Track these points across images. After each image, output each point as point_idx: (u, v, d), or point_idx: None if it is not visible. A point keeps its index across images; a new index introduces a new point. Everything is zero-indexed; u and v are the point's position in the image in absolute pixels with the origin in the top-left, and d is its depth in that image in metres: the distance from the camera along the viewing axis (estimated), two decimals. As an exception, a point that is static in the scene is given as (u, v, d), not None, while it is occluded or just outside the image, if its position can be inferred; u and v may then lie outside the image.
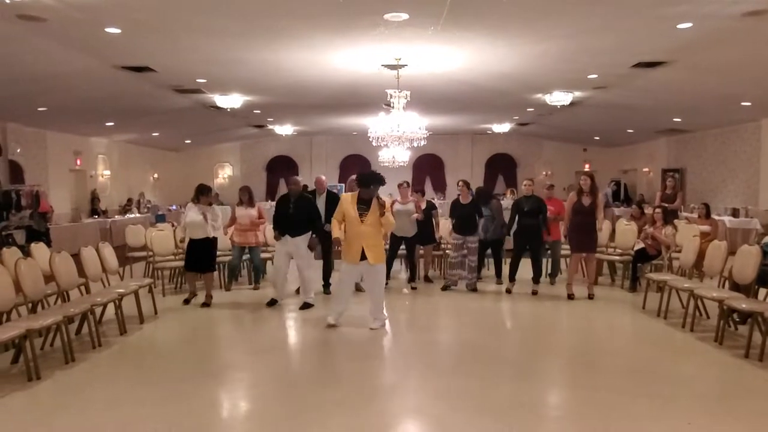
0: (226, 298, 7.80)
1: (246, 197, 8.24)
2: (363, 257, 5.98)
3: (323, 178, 7.99)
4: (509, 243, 8.26)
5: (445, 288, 8.12)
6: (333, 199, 7.43)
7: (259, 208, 8.34)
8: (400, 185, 8.33)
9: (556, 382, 4.74)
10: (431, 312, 7.31)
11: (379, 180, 6.14)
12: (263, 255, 8.63)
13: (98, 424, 3.80)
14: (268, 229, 8.56)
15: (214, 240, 7.27)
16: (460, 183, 8.31)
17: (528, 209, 7.70)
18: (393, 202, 8.20)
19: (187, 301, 7.35)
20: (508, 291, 7.85)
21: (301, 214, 6.98)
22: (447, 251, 8.79)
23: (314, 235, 7.08)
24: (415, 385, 4.56)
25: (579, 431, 3.64)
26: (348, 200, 6.12)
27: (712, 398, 4.23)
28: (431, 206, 8.56)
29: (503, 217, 8.40)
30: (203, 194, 7.18)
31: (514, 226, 8.01)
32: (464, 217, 7.99)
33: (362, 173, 6.34)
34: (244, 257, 8.42)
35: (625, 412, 3.88)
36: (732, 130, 13.00)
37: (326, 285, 7.91)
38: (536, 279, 7.87)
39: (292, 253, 7.00)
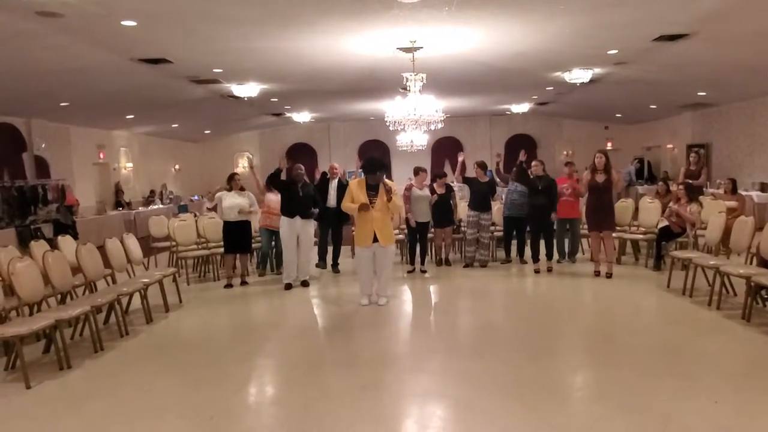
0: (251, 282, 7.95)
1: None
2: (375, 240, 6.27)
3: (336, 165, 8.58)
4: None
5: (467, 265, 8.36)
6: (343, 186, 8.07)
7: None
8: (418, 170, 8.30)
9: (581, 362, 4.71)
10: (453, 294, 7.31)
11: (384, 166, 6.51)
12: None
13: (129, 409, 3.91)
14: None
15: (249, 222, 7.82)
16: (476, 165, 8.54)
17: (541, 188, 7.81)
18: (409, 187, 8.23)
19: (229, 285, 7.69)
20: (537, 271, 7.88)
21: (308, 198, 7.45)
22: (463, 228, 8.81)
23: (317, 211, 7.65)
24: (439, 367, 4.57)
25: (604, 411, 3.61)
26: (356, 186, 6.36)
27: (739, 376, 4.15)
28: (449, 189, 8.54)
29: None
30: (233, 180, 7.86)
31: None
32: (480, 194, 8.26)
33: (368, 160, 6.52)
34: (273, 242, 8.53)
35: (651, 391, 3.85)
36: (759, 102, 12.62)
37: (335, 265, 8.44)
38: (549, 256, 8.07)
39: (299, 233, 7.40)
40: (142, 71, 8.70)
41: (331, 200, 8.14)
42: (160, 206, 14.97)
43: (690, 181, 9.03)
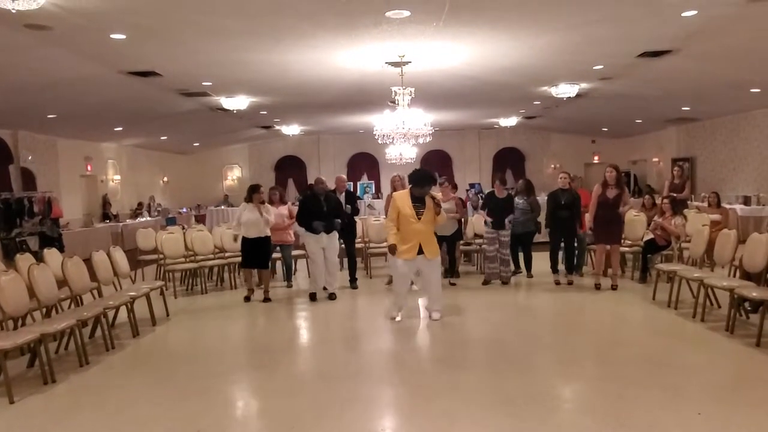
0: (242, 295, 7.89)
1: (276, 197, 8.41)
2: (419, 252, 6.11)
3: (344, 176, 8.38)
4: (537, 236, 8.44)
5: (485, 282, 8.07)
6: (351, 197, 8.11)
7: (289, 208, 8.44)
8: (441, 183, 8.13)
9: (568, 374, 4.72)
10: (452, 306, 7.26)
11: (434, 180, 6.37)
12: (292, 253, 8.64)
13: (114, 424, 3.87)
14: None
15: (269, 237, 7.58)
16: (497, 180, 8.37)
17: (565, 202, 7.73)
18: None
19: (247, 299, 7.56)
20: (557, 283, 7.84)
21: (333, 211, 7.38)
22: (483, 246, 8.48)
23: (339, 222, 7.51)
24: (428, 379, 4.58)
25: (591, 422, 3.64)
26: (402, 198, 6.20)
27: (723, 388, 4.21)
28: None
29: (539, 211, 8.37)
30: (255, 192, 7.55)
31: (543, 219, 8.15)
32: (499, 211, 8.01)
33: (417, 172, 6.32)
34: (275, 255, 8.42)
35: (637, 402, 3.88)
36: (742, 117, 12.87)
37: (353, 280, 8.10)
38: (571, 269, 8.00)
39: (326, 247, 7.31)
40: (131, 84, 8.70)
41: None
42: (148, 219, 14.88)
43: (674, 195, 9.14)
